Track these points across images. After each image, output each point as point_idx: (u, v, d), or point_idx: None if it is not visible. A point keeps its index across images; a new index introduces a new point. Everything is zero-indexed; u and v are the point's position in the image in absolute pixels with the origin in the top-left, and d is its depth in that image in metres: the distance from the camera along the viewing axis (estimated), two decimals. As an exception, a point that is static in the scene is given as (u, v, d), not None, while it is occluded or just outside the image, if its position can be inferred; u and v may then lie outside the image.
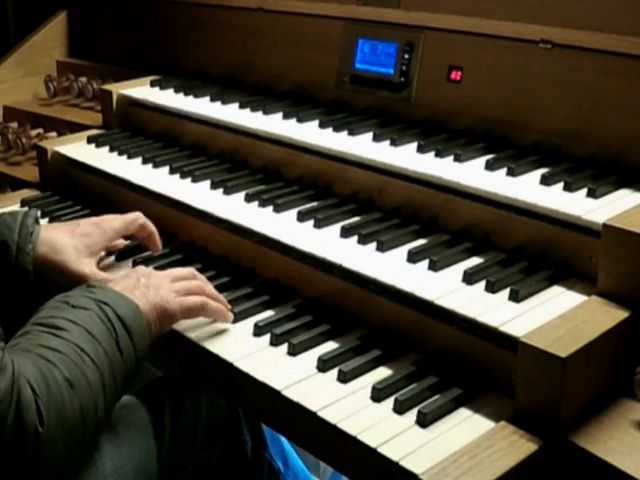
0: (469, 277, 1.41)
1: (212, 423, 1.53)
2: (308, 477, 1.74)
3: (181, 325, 1.47)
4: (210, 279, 1.59)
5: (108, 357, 1.25)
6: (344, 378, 1.33)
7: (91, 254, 1.61)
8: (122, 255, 1.74)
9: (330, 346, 1.42)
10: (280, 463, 1.65)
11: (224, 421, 1.56)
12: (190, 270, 1.52)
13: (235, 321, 1.49)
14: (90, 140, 2.17)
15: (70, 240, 1.59)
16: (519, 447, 1.16)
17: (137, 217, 1.68)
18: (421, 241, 1.56)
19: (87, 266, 1.58)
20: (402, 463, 1.14)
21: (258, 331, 1.45)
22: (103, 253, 1.69)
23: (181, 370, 1.56)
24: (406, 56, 1.95)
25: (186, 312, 1.43)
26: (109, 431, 1.41)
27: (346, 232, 1.58)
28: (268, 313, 1.53)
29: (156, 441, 1.45)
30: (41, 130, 2.51)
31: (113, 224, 1.65)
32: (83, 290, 1.35)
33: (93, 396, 1.21)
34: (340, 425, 1.22)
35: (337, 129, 1.87)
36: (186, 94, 2.20)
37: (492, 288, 1.37)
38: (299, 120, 1.94)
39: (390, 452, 1.16)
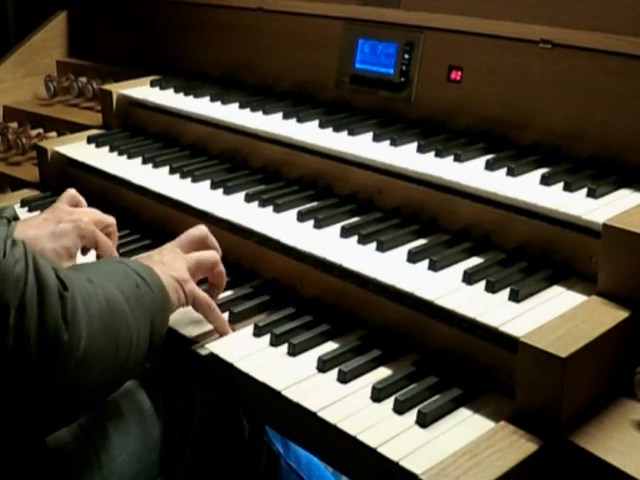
0: (469, 277, 1.41)
1: (208, 409, 1.53)
2: (311, 458, 1.72)
3: (181, 325, 1.48)
4: (210, 279, 1.59)
5: (130, 290, 1.25)
6: (344, 378, 1.33)
7: (70, 257, 1.57)
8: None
9: (330, 346, 1.42)
10: (280, 446, 1.64)
11: (221, 406, 1.56)
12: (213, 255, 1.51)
13: (235, 321, 1.49)
14: (90, 140, 2.17)
15: (49, 244, 1.54)
16: (519, 447, 1.16)
17: (110, 223, 1.65)
18: (421, 241, 1.56)
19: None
20: (402, 463, 1.14)
21: (258, 331, 1.45)
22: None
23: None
24: (406, 56, 1.95)
25: (196, 299, 1.44)
26: (100, 424, 1.41)
27: (346, 232, 1.58)
28: (268, 313, 1.53)
29: (150, 430, 1.45)
30: (41, 130, 2.51)
31: (90, 226, 1.60)
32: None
33: (119, 305, 1.19)
34: (340, 425, 1.22)
35: (337, 129, 1.87)
36: (186, 94, 2.20)
37: (492, 288, 1.37)
38: (299, 120, 1.94)
39: (390, 452, 1.16)
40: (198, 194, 1.81)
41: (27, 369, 1.04)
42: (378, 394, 1.28)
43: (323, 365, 1.36)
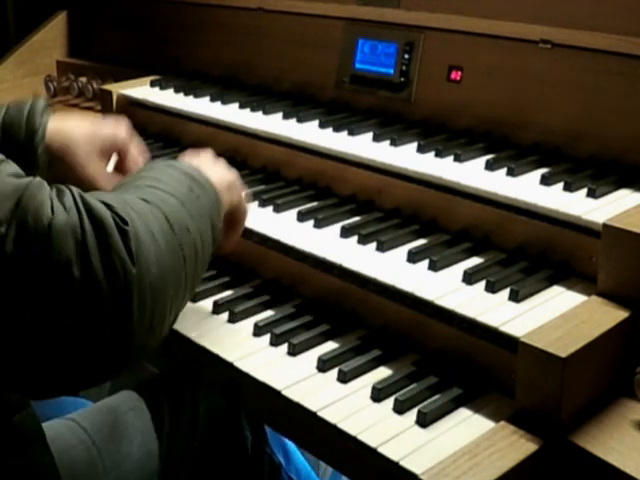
0: (469, 277, 1.41)
1: (212, 418, 1.53)
2: (310, 472, 1.74)
3: (181, 325, 1.47)
4: (210, 279, 1.60)
5: (185, 194, 1.20)
6: (344, 378, 1.33)
7: (102, 156, 1.53)
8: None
9: (330, 346, 1.42)
10: (281, 457, 1.65)
11: (224, 416, 1.56)
12: None
13: (235, 321, 1.50)
14: (90, 140, 2.16)
15: (82, 140, 1.51)
16: (519, 447, 1.16)
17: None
18: (421, 241, 1.56)
19: (97, 171, 1.51)
20: (402, 463, 1.14)
21: (258, 331, 1.45)
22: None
23: (180, 366, 1.56)
24: (406, 56, 1.95)
25: (242, 203, 1.42)
26: (105, 430, 1.41)
27: (346, 232, 1.58)
28: (268, 313, 1.53)
29: (155, 438, 1.45)
30: (41, 130, 2.51)
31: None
32: (144, 166, 1.34)
33: (178, 214, 1.14)
34: (340, 425, 1.22)
35: (337, 129, 1.87)
36: (186, 94, 2.20)
37: (492, 288, 1.37)
38: (299, 120, 1.94)
39: (390, 452, 1.16)
40: (198, 194, 1.80)
41: (105, 314, 0.99)
42: (378, 394, 1.28)
43: (323, 365, 1.36)
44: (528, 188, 1.53)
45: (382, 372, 1.36)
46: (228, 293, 1.57)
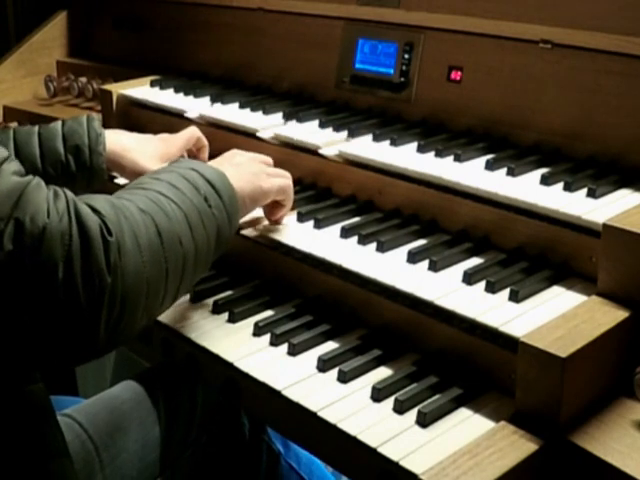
0: (469, 277, 1.41)
1: (209, 407, 1.53)
2: (311, 457, 1.73)
3: (181, 325, 1.48)
4: (210, 279, 1.60)
5: (194, 204, 1.25)
6: (344, 378, 1.33)
7: (161, 158, 1.70)
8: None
9: (330, 346, 1.42)
10: (280, 445, 1.65)
11: (221, 405, 1.56)
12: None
13: (235, 321, 1.50)
14: (90, 140, 2.16)
15: (137, 143, 1.71)
16: (519, 447, 1.16)
17: (194, 132, 1.81)
18: (421, 241, 1.56)
19: (156, 165, 1.64)
20: (402, 463, 1.14)
21: (258, 331, 1.45)
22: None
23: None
24: (406, 56, 1.95)
25: (278, 191, 1.53)
26: (101, 422, 1.41)
27: (346, 232, 1.58)
28: (268, 313, 1.53)
29: (152, 429, 1.45)
30: (41, 130, 2.51)
31: (177, 142, 1.77)
32: (169, 164, 1.40)
33: (174, 227, 1.19)
34: (340, 425, 1.22)
35: (337, 129, 1.87)
36: (186, 94, 2.20)
37: (492, 288, 1.37)
38: (299, 120, 1.94)
39: (390, 452, 1.16)
40: (198, 194, 1.80)
41: (77, 316, 1.06)
42: (378, 394, 1.28)
43: (323, 365, 1.36)
44: (528, 188, 1.53)
45: (382, 372, 1.36)
46: (228, 293, 1.57)
